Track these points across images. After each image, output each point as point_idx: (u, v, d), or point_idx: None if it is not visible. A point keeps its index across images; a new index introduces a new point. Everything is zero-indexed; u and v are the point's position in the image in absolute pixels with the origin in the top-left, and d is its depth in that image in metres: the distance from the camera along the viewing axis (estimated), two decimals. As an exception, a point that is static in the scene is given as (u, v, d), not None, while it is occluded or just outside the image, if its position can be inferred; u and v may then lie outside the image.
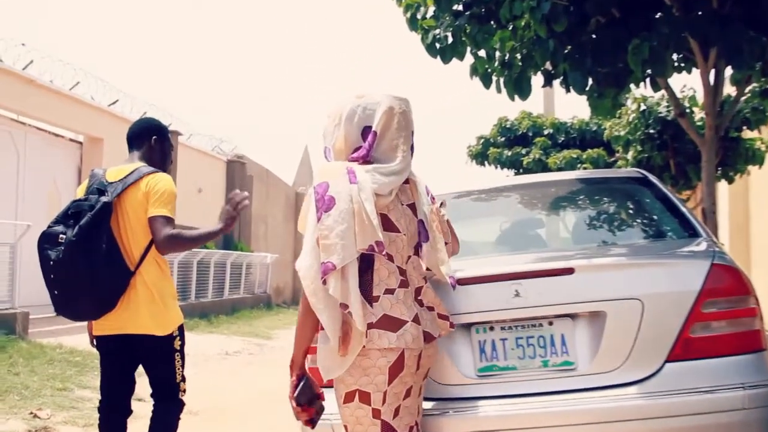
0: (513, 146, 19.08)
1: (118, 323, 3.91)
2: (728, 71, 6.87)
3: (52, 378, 7.96)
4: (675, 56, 6.52)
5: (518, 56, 6.32)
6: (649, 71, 5.90)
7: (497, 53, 6.46)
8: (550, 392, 2.95)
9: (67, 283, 3.80)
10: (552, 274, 3.01)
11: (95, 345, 4.11)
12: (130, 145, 4.19)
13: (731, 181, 12.75)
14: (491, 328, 3.06)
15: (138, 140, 4.18)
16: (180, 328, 4.04)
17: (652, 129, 12.56)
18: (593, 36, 5.69)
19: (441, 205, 3.10)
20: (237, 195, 3.83)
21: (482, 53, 6.41)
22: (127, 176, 3.96)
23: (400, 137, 2.87)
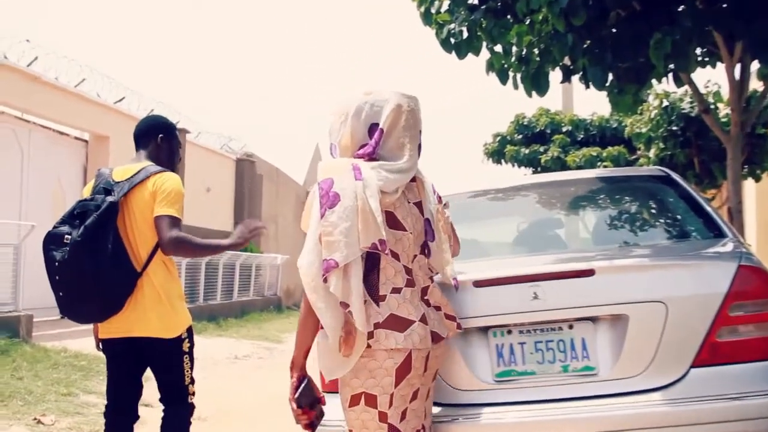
0: (530, 144, 19.08)
1: (125, 326, 3.91)
2: (754, 66, 6.83)
3: (57, 383, 7.98)
4: (699, 50, 6.50)
5: (536, 51, 6.31)
6: (672, 66, 5.88)
7: (514, 48, 6.45)
8: (571, 398, 2.93)
9: (73, 285, 3.81)
10: (572, 276, 2.99)
11: (101, 348, 4.11)
12: (137, 144, 4.20)
13: (758, 179, 12.69)
14: (509, 332, 3.05)
15: (145, 139, 4.19)
16: (189, 330, 4.04)
17: (675, 126, 12.52)
18: (613, 30, 5.67)
19: (444, 206, 3.09)
20: (254, 221, 4.08)
21: (498, 48, 6.40)
22: (134, 175, 3.97)
23: (407, 135, 2.87)
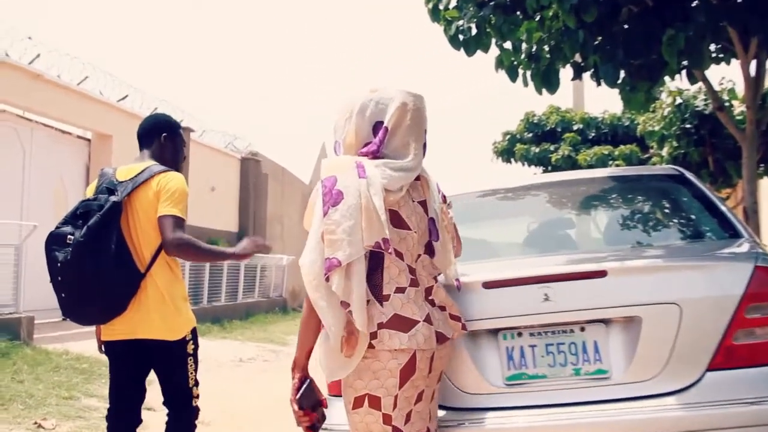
0: (541, 142, 19.07)
1: (128, 328, 3.92)
2: (770, 62, 6.80)
3: (58, 386, 7.99)
4: (713, 47, 6.48)
5: (546, 48, 6.30)
6: (685, 63, 5.87)
7: (524, 45, 6.44)
8: (583, 402, 2.92)
9: (75, 286, 3.83)
10: (583, 277, 2.98)
11: (104, 351, 4.12)
12: (141, 143, 4.22)
13: (774, 178, 12.65)
14: (519, 334, 3.04)
15: (148, 138, 4.20)
16: (193, 332, 4.05)
17: (689, 124, 12.48)
18: (625, 26, 5.65)
19: (448, 206, 3.09)
20: (261, 239, 4.16)
21: (508, 45, 6.39)
22: (138, 175, 3.98)
23: (412, 134, 2.87)
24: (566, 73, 6.55)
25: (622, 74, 5.99)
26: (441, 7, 6.33)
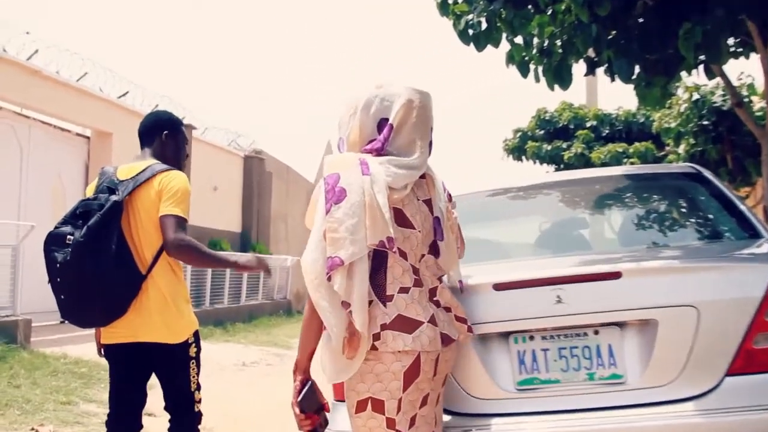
0: (553, 140, 19.06)
1: (129, 330, 3.92)
2: (790, 56, 6.77)
3: (56, 391, 8.00)
4: (731, 40, 6.45)
5: (558, 43, 6.29)
6: (703, 57, 5.85)
7: (535, 40, 6.43)
8: (597, 408, 2.91)
9: (75, 287, 3.83)
10: (597, 279, 2.97)
11: (103, 354, 4.13)
12: (142, 142, 4.22)
13: (794, 177, 12.61)
14: (531, 338, 3.03)
15: (149, 136, 4.21)
16: (195, 335, 4.06)
17: (706, 120, 12.45)
18: (640, 20, 5.64)
19: (452, 206, 3.09)
20: (267, 263, 4.16)
21: (519, 40, 6.38)
22: (139, 174, 3.99)
23: (418, 132, 2.87)
24: (579, 69, 6.54)
25: (637, 69, 5.97)
26: (450, 1, 6.32)
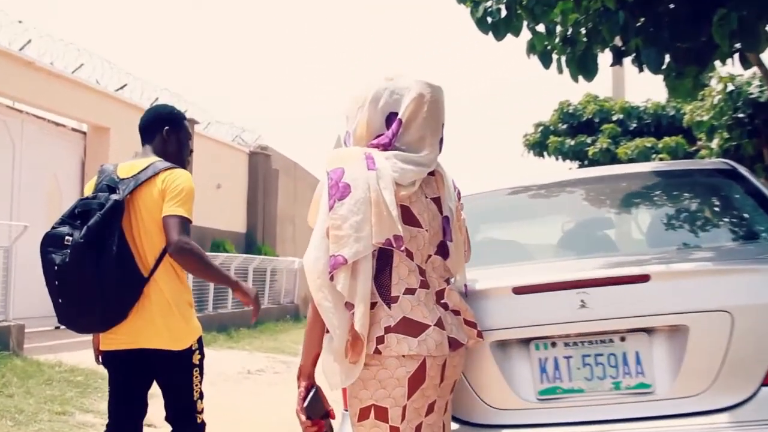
0: (576, 134, 19.01)
1: (130, 336, 3.94)
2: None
3: (51, 400, 8.03)
4: (768, 27, 6.41)
5: (583, 31, 6.26)
6: (738, 45, 5.80)
7: (558, 28, 6.41)
8: (624, 419, 2.91)
9: (74, 291, 3.84)
10: (624, 282, 2.97)
11: (102, 361, 4.14)
12: (143, 138, 4.24)
13: (836, 173, 12.55)
14: (553, 344, 3.03)
15: (149, 132, 4.22)
16: (199, 341, 4.07)
17: (742, 113, 12.39)
18: (671, 5, 5.61)
19: (461, 207, 3.09)
20: (259, 304, 4.20)
21: (541, 28, 6.35)
22: (141, 172, 4.00)
23: (428, 128, 2.87)
24: (605, 59, 6.51)
25: (667, 59, 5.94)
26: (467, -13, 6.31)
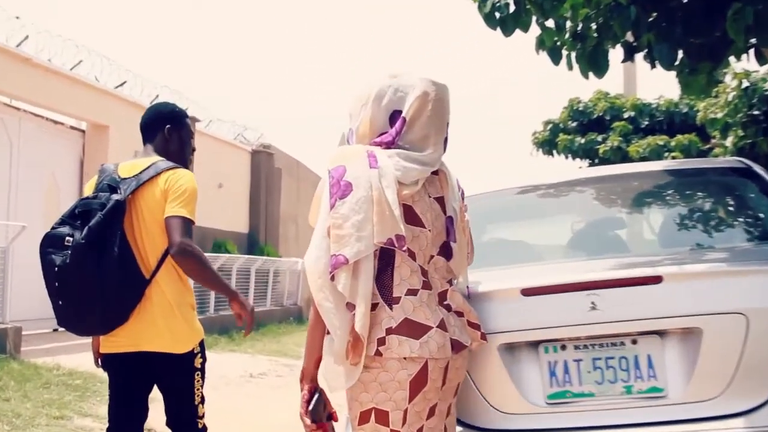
0: (587, 132, 18.95)
1: (131, 339, 3.95)
2: None
3: (48, 404, 8.02)
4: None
5: (593, 26, 6.25)
6: (753, 41, 5.80)
7: (568, 23, 6.40)
8: (635, 424, 2.92)
9: (75, 293, 3.84)
10: (636, 283, 2.97)
11: (101, 365, 4.15)
12: (144, 137, 4.24)
13: None
14: (563, 347, 3.03)
15: (151, 131, 4.23)
16: (201, 344, 4.08)
17: (757, 110, 12.35)
18: (684, 0, 5.60)
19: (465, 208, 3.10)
20: (253, 315, 4.13)
21: (550, 23, 6.35)
22: (142, 172, 4.00)
23: (433, 127, 2.89)
24: (616, 55, 6.51)
25: (680, 54, 5.93)
26: (475, -19, 6.31)
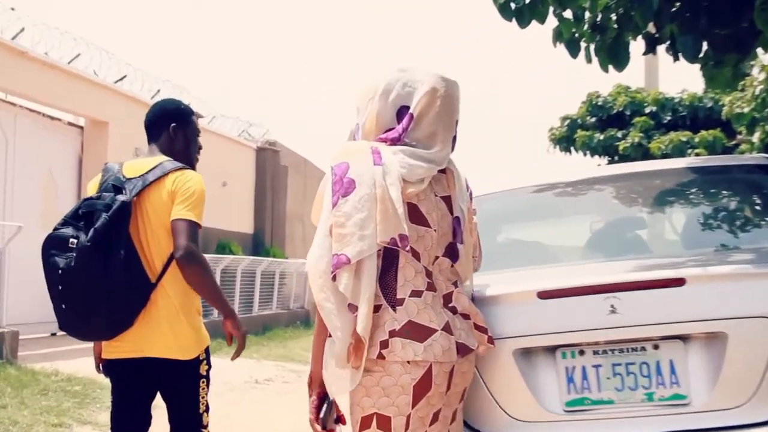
0: (606, 128, 18.93)
1: (135, 344, 3.95)
2: None
3: (46, 411, 8.05)
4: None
5: (613, 17, 6.24)
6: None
7: (587, 14, 6.39)
8: None
9: (79, 296, 3.84)
10: (657, 286, 2.97)
11: (102, 370, 4.16)
12: (148, 136, 4.26)
13: None
14: (581, 352, 3.03)
15: (155, 129, 4.24)
16: (206, 351, 4.09)
17: (785, 104, 12.32)
18: (708, -11, 5.59)
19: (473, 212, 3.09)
20: (245, 339, 4.10)
21: (568, 14, 6.34)
22: (149, 172, 4.01)
23: (441, 124, 2.89)
24: (637, 47, 6.49)
25: (705, 46, 5.92)
26: (489, -30, 6.30)
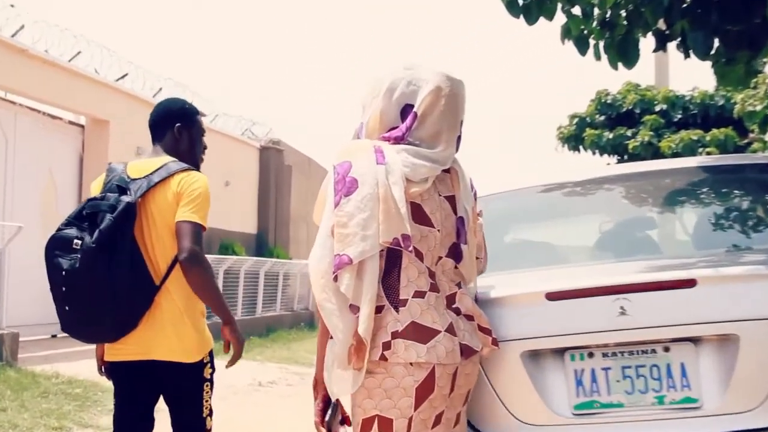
0: (615, 127, 18.91)
1: (139, 347, 3.96)
2: None
3: (47, 414, 8.06)
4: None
5: (623, 13, 6.24)
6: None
7: (596, 10, 6.39)
8: None
9: (83, 298, 3.85)
10: (668, 287, 2.97)
11: (104, 373, 4.16)
12: (153, 136, 4.26)
13: None
14: (590, 355, 3.03)
15: (160, 129, 4.25)
16: (210, 354, 4.11)
17: (799, 102, 12.32)
18: (720, -15, 5.59)
19: (479, 213, 3.10)
20: (242, 348, 4.27)
21: (577, 11, 6.34)
22: (154, 173, 4.01)
23: (445, 123, 2.89)
24: (647, 44, 6.49)
25: (716, 43, 5.91)
26: (497, -34, 6.30)
